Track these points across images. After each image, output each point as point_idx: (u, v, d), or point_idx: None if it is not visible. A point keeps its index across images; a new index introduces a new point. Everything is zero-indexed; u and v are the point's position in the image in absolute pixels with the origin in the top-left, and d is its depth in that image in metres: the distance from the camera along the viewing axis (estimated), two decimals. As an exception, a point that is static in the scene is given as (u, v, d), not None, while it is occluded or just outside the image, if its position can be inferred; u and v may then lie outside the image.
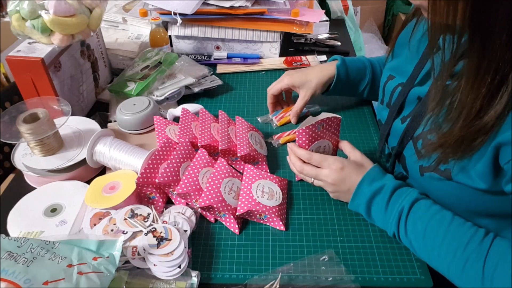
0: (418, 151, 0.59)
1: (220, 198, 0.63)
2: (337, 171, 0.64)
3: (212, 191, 0.63)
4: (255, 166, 0.74)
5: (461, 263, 0.52)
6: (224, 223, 0.65)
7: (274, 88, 0.86)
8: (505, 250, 0.51)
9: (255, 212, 0.64)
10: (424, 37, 0.63)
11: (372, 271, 0.58)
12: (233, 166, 0.76)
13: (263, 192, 0.66)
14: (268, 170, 0.75)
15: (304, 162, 0.67)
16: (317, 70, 0.84)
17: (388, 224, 0.60)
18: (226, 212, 0.63)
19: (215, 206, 0.62)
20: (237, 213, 0.63)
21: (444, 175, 0.55)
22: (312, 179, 0.67)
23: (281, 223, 0.64)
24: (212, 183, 0.65)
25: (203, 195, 0.63)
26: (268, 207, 0.64)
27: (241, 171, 0.74)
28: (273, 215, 0.64)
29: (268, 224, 0.65)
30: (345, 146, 0.70)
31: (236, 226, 0.64)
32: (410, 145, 0.62)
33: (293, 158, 0.68)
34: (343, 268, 0.58)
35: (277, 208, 0.65)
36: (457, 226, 0.55)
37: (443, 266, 0.55)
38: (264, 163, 0.76)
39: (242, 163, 0.74)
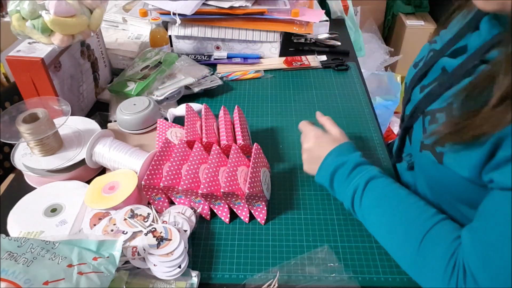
0: (424, 127, 0.58)
1: (218, 187, 0.64)
2: (313, 138, 0.68)
3: (211, 179, 0.64)
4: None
5: (401, 237, 0.55)
6: (216, 211, 0.66)
7: None
8: (447, 232, 0.52)
9: (234, 196, 0.64)
10: (469, 15, 0.60)
11: (372, 271, 0.58)
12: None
13: (245, 178, 0.65)
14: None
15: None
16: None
17: (345, 198, 0.63)
18: (222, 201, 0.64)
19: (215, 194, 0.63)
20: (222, 190, 0.62)
21: (437, 157, 0.54)
22: None
23: (248, 215, 0.65)
24: (208, 172, 0.65)
25: (203, 181, 0.63)
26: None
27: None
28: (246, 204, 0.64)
29: (238, 212, 0.66)
30: (326, 122, 0.72)
31: (228, 215, 0.65)
32: (420, 120, 0.60)
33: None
34: (342, 265, 0.59)
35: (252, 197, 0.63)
36: (408, 204, 0.57)
37: (387, 241, 0.58)
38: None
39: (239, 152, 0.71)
